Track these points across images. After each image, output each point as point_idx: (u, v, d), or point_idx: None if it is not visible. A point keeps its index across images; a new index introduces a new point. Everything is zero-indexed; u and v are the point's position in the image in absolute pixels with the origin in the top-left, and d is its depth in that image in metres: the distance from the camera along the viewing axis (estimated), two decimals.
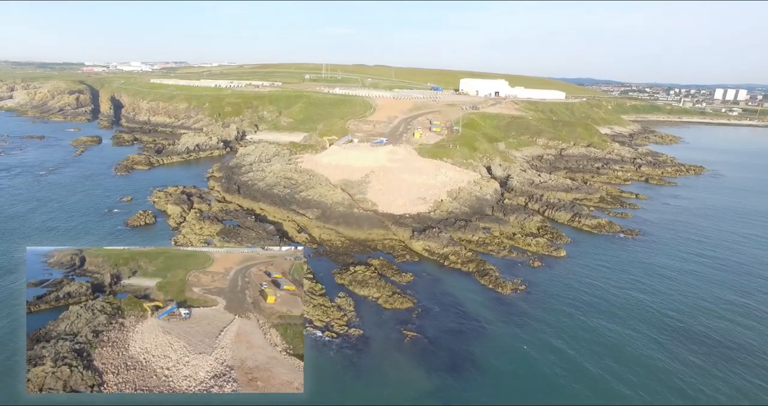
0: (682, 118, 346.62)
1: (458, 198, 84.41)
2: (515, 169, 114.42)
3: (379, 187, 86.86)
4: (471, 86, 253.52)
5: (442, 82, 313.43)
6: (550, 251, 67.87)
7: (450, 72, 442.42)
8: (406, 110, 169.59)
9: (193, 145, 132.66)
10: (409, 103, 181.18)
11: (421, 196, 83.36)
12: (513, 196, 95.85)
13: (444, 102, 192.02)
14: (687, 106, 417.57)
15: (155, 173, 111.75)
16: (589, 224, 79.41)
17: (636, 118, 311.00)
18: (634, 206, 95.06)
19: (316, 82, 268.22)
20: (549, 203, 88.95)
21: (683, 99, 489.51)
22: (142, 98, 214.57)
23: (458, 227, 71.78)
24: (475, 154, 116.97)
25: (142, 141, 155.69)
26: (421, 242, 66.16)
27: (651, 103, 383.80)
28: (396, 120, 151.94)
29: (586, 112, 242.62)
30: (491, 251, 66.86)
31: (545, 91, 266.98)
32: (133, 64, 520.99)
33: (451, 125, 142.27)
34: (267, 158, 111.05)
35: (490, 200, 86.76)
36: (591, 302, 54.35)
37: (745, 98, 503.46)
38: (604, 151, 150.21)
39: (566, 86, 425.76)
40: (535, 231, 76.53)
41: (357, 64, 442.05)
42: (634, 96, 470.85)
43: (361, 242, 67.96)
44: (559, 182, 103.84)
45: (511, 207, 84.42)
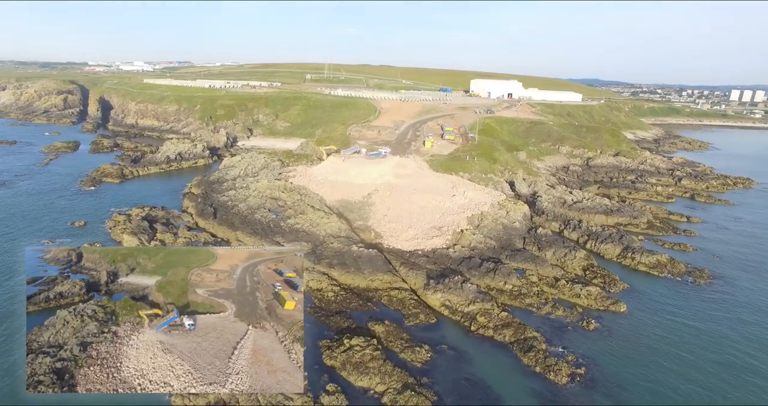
0: (702, 121, 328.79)
1: (482, 227, 68.74)
2: (542, 185, 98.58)
3: (385, 212, 71.34)
4: (482, 87, 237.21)
5: (451, 83, 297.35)
6: (606, 304, 52.09)
7: (458, 72, 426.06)
8: (414, 114, 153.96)
9: (174, 154, 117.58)
10: (418, 106, 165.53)
11: (435, 225, 67.76)
12: (544, 220, 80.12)
13: (455, 105, 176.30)
14: (705, 108, 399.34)
15: (126, 188, 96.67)
16: (646, 262, 63.50)
17: (654, 121, 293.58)
18: (690, 233, 79.00)
19: (317, 83, 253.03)
20: (590, 232, 73.15)
21: (698, 100, 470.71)
22: (131, 99, 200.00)
23: (485, 271, 56.11)
24: (496, 167, 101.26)
25: (123, 147, 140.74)
26: (439, 295, 50.56)
27: (669, 106, 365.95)
28: (403, 125, 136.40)
29: (606, 115, 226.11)
30: (531, 307, 51.20)
31: (561, 92, 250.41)
32: (136, 63, 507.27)
33: (466, 132, 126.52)
34: (254, 172, 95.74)
35: (520, 229, 71.01)
36: (682, 390, 38.70)
37: (763, 99, 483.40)
38: (636, 161, 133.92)
39: (579, 87, 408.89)
40: (581, 272, 60.82)
41: (361, 64, 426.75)
42: (645, 97, 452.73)
43: (361, 293, 52.44)
44: (596, 202, 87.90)
45: (546, 238, 68.65)
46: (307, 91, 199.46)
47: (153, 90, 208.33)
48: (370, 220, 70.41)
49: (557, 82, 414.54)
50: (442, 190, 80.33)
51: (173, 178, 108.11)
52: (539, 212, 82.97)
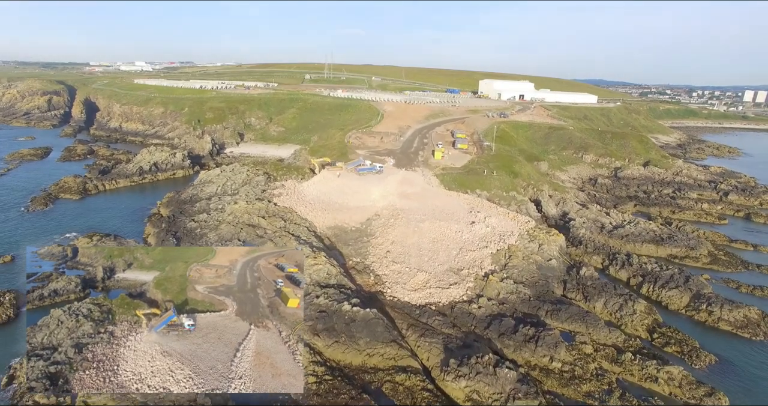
0: (722, 123, 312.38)
1: (510, 267, 54.08)
2: (571, 204, 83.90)
3: (387, 247, 56.77)
4: (492, 88, 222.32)
5: (457, 84, 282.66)
6: (698, 395, 37.14)
7: (463, 72, 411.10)
8: (421, 118, 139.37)
9: (149, 165, 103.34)
10: (424, 109, 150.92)
11: (452, 267, 53.12)
12: (583, 253, 65.41)
13: (465, 108, 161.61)
14: (721, 109, 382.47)
15: (85, 207, 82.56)
16: (731, 319, 48.60)
17: (672, 124, 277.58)
18: (765, 270, 63.99)
19: (316, 84, 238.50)
20: (643, 270, 58.41)
21: (710, 101, 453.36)
22: (117, 101, 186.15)
23: (523, 340, 41.43)
24: (517, 183, 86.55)
25: (98, 155, 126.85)
26: (463, 383, 35.94)
27: (685, 107, 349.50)
28: (409, 131, 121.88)
29: (625, 118, 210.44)
30: (590, 397, 36.57)
31: (575, 94, 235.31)
32: (137, 64, 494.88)
33: (479, 139, 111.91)
34: (233, 189, 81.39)
35: (558, 269, 56.27)
36: None
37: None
38: (670, 172, 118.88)
39: (590, 88, 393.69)
40: (645, 334, 46.16)
41: (365, 65, 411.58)
42: (656, 98, 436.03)
43: (355, 375, 37.86)
44: (640, 228, 73.05)
45: (591, 281, 53.96)
46: (305, 92, 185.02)
47: (141, 91, 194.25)
48: (369, 257, 55.86)
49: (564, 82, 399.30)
50: (458, 216, 65.72)
51: (146, 193, 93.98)
52: (575, 241, 68.20)
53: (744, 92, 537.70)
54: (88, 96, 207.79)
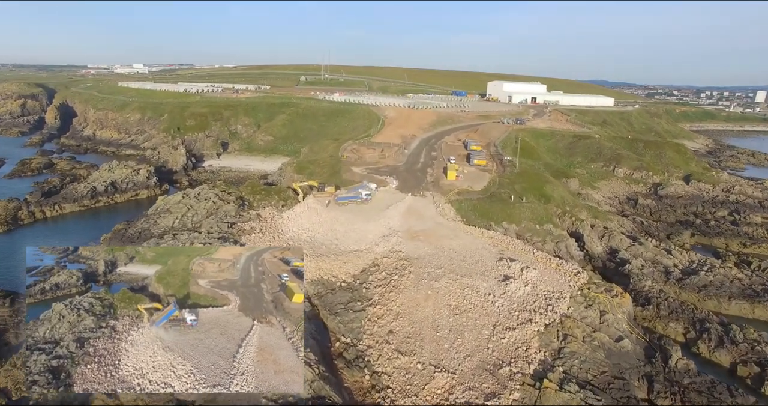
0: (744, 126, 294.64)
1: (566, 357, 37.02)
2: (619, 237, 66.87)
3: (390, 322, 39.68)
4: (501, 91, 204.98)
5: (463, 85, 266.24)
6: None
7: (468, 73, 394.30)
8: (427, 126, 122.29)
9: (104, 185, 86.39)
10: (430, 114, 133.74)
11: (485, 360, 36.01)
12: (655, 318, 48.23)
13: (475, 113, 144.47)
14: (737, 110, 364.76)
15: (4, 245, 65.46)
16: None
17: (691, 127, 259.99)
18: None
19: (312, 86, 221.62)
20: (752, 349, 41.33)
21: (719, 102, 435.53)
22: (93, 107, 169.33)
23: None
24: (551, 210, 69.43)
25: (57, 170, 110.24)
26: None
27: (703, 110, 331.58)
28: (414, 141, 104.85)
29: (647, 123, 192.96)
30: None
31: (590, 96, 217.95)
32: (135, 66, 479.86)
33: (498, 152, 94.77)
34: (195, 222, 64.39)
35: (634, 355, 39.10)
36: None
37: None
38: (718, 188, 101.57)
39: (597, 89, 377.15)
40: None
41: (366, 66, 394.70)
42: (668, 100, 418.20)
43: None
44: (720, 275, 55.94)
45: (690, 378, 36.83)
46: (298, 96, 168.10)
47: (120, 95, 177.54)
48: (363, 337, 38.81)
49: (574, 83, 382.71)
50: (485, 266, 48.58)
51: (98, 221, 77.18)
52: (640, 298, 51.00)
53: (756, 93, 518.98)
54: (65, 100, 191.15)
